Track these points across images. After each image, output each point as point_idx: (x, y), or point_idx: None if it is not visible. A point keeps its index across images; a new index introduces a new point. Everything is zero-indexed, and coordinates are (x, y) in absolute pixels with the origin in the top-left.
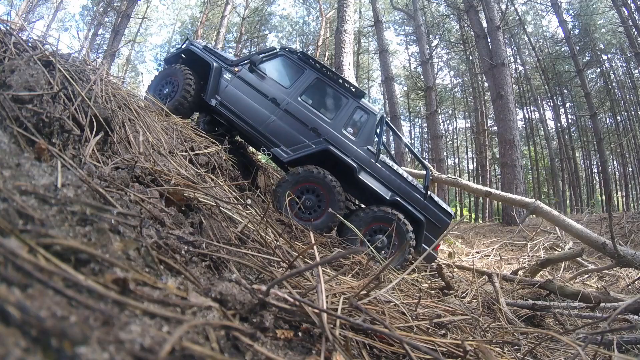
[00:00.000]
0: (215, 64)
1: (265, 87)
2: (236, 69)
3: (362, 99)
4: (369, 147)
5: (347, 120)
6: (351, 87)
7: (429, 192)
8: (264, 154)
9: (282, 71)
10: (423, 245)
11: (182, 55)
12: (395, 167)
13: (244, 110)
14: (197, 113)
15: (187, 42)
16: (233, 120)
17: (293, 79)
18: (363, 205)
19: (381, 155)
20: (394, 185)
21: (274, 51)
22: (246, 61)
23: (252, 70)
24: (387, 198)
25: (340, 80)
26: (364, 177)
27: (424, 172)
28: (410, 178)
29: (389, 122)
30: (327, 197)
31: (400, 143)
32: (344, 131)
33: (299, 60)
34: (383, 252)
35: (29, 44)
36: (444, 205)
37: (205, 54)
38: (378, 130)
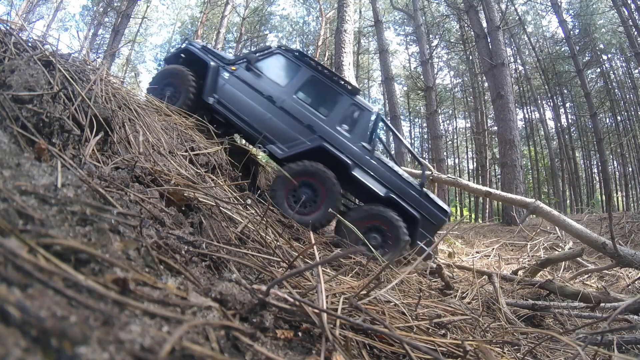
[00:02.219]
0: (212, 62)
1: (261, 85)
2: (233, 68)
3: (357, 96)
4: (364, 144)
5: (342, 117)
6: (346, 85)
7: (424, 189)
8: (259, 150)
9: (278, 69)
10: (418, 242)
11: (182, 55)
12: (391, 164)
13: (240, 108)
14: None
15: (186, 42)
16: (230, 118)
17: (289, 77)
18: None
19: (377, 152)
20: (388, 181)
21: (270, 49)
22: (243, 60)
23: (248, 69)
24: (382, 195)
25: (336, 78)
26: (358, 173)
27: (426, 172)
28: (405, 175)
29: (384, 119)
30: (323, 191)
31: (400, 144)
32: (339, 128)
33: (294, 58)
34: (378, 250)
35: (29, 44)
36: (440, 202)
37: (203, 54)
38: (373, 127)
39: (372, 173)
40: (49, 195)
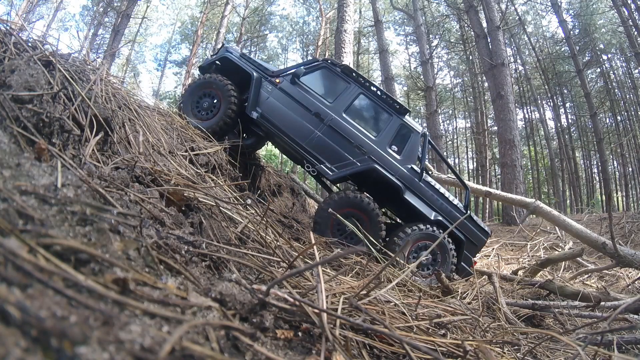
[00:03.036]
0: (255, 74)
1: (308, 101)
2: (277, 80)
3: (406, 116)
4: (413, 166)
5: (392, 138)
6: (395, 104)
7: (469, 212)
8: (308, 171)
9: (325, 84)
10: (463, 264)
11: (217, 62)
12: (438, 186)
13: (286, 124)
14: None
15: (223, 48)
16: (275, 133)
17: (337, 93)
18: (399, 220)
19: (427, 176)
20: (436, 204)
21: (317, 63)
22: (288, 72)
23: (293, 83)
24: (431, 218)
25: (384, 96)
26: (409, 197)
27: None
28: (451, 197)
29: (431, 141)
30: (367, 222)
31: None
32: (389, 149)
33: (342, 73)
34: (427, 269)
35: (29, 44)
36: (482, 225)
37: (244, 63)
38: (422, 149)
39: (421, 196)
40: (49, 195)
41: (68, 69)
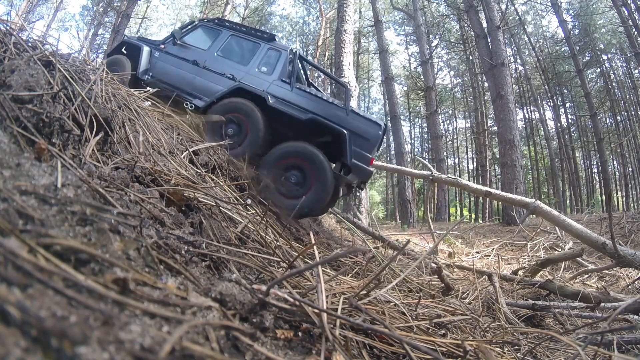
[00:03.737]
0: (145, 46)
1: (187, 54)
2: (162, 46)
3: (274, 41)
4: (284, 79)
5: (260, 61)
6: (263, 34)
7: (351, 107)
8: (186, 108)
9: (201, 38)
10: (354, 161)
11: (123, 51)
12: (314, 91)
13: (171, 78)
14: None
15: (124, 38)
16: (165, 88)
17: (210, 40)
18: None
19: (300, 85)
20: (310, 107)
21: (193, 24)
22: (170, 38)
23: (174, 44)
24: (303, 118)
25: (253, 31)
26: (275, 104)
27: (426, 172)
28: (331, 99)
29: (302, 56)
30: (247, 126)
31: (400, 146)
32: (257, 70)
33: (215, 25)
34: (300, 190)
35: (29, 44)
36: (371, 117)
37: (139, 42)
38: (292, 64)
39: (293, 103)
40: (49, 195)
41: (68, 69)
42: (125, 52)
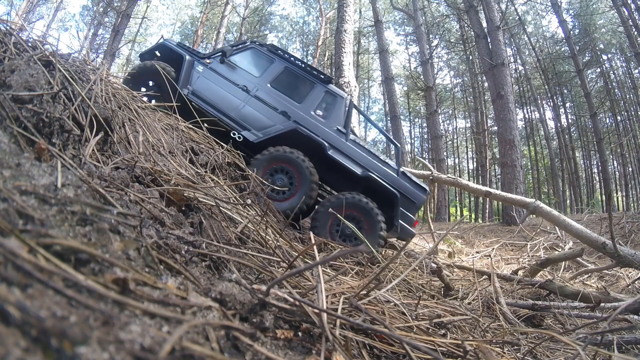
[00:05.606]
0: (188, 56)
1: (236, 77)
2: (208, 61)
3: (330, 85)
4: (339, 127)
5: (317, 104)
6: (320, 74)
7: (401, 168)
8: (234, 138)
9: (252, 62)
10: (400, 222)
11: (157, 53)
12: (367, 146)
13: (215, 98)
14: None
15: (161, 40)
16: (205, 108)
17: (263, 68)
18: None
19: (352, 136)
20: (365, 162)
21: (244, 45)
22: (217, 54)
23: (222, 62)
24: (359, 173)
25: (309, 69)
26: (334, 154)
27: (426, 172)
28: (382, 156)
29: (355, 105)
30: (298, 177)
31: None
32: (313, 113)
33: (268, 52)
34: (353, 239)
35: (29, 44)
36: (418, 181)
37: (179, 49)
38: (347, 112)
39: (348, 154)
40: (49, 195)
41: (68, 69)
42: (158, 54)
